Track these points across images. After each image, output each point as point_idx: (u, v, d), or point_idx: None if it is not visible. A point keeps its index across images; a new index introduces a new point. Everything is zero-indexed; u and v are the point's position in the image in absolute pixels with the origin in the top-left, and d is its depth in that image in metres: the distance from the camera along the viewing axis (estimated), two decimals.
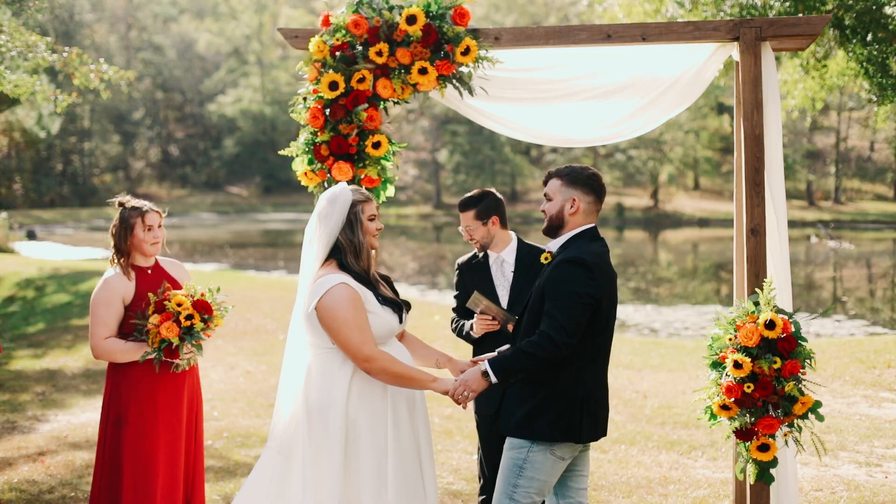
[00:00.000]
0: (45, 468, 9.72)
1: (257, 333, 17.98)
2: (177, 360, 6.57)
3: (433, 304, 23.23)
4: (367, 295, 5.63)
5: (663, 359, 16.34)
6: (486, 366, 5.53)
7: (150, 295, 6.60)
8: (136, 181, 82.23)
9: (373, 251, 5.81)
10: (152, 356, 6.53)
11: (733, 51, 6.61)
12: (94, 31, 76.88)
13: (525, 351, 5.46)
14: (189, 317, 6.50)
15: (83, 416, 12.24)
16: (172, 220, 68.04)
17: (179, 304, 6.52)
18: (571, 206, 5.73)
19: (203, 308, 6.58)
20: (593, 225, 5.80)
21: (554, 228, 5.81)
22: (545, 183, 5.90)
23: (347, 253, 5.68)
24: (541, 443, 5.59)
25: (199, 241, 48.89)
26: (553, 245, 5.82)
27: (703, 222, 67.43)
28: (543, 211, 5.86)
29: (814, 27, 6.39)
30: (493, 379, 5.48)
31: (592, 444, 10.48)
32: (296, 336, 5.86)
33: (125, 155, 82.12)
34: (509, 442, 5.72)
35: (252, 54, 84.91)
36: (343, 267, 5.67)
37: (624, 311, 26.25)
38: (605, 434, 5.81)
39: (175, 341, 6.46)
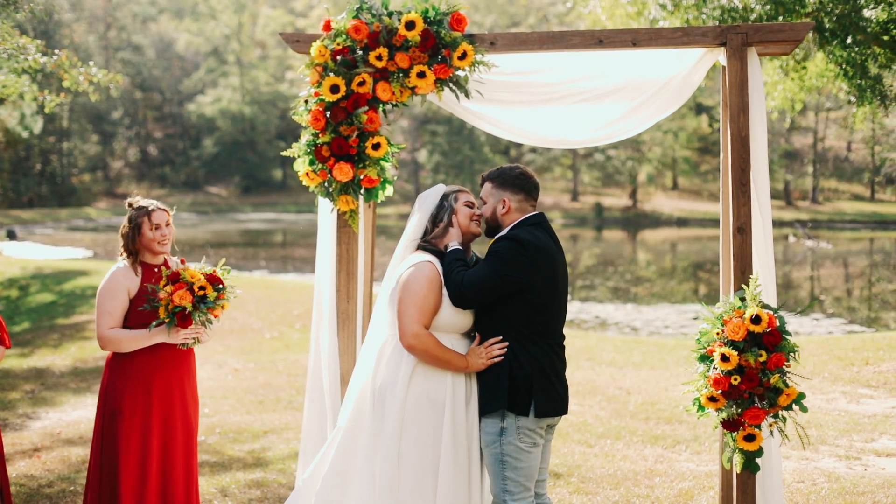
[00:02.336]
0: (41, 464, 9.85)
1: (243, 332, 18.11)
2: (185, 333, 6.69)
3: None
4: None
5: (645, 356, 16.54)
6: (454, 246, 6.02)
7: (163, 269, 6.75)
8: (115, 181, 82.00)
9: (474, 237, 6.22)
10: (163, 328, 6.65)
11: (720, 56, 6.81)
12: (73, 30, 76.66)
13: (454, 273, 5.87)
14: (202, 287, 6.66)
15: (74, 414, 12.36)
16: None
17: (193, 276, 6.67)
18: (503, 207, 6.09)
19: (215, 281, 6.75)
20: (533, 213, 6.12)
21: (492, 229, 6.18)
22: (481, 186, 6.26)
23: (435, 236, 6.07)
24: (506, 434, 5.86)
25: (178, 241, 47.88)
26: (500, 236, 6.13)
27: (681, 222, 67.77)
28: (480, 214, 6.22)
29: (798, 33, 6.60)
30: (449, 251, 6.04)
31: (578, 438, 10.73)
32: (378, 318, 6.15)
33: (104, 155, 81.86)
34: (482, 440, 5.98)
35: (231, 54, 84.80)
36: (434, 252, 6.04)
37: (605, 310, 26.45)
38: (560, 413, 6.03)
39: (188, 307, 6.59)
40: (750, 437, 6.21)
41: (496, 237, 6.06)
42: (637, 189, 74.19)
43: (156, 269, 6.91)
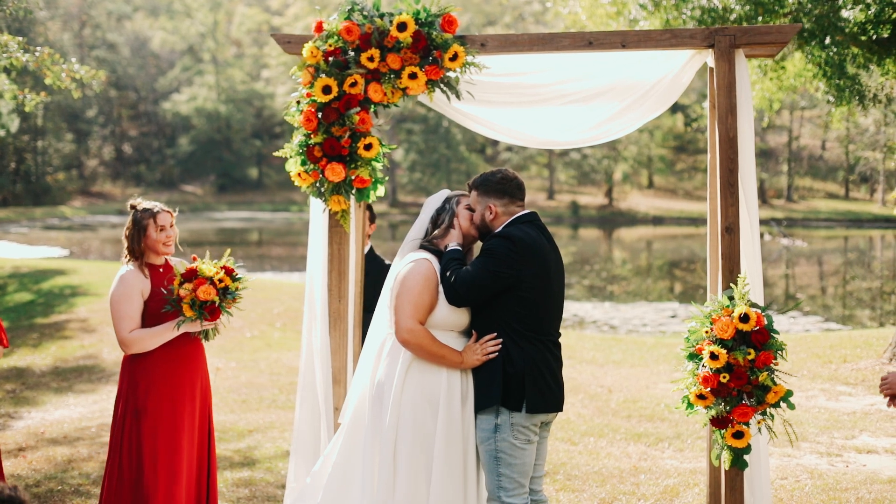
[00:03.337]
0: (27, 463, 9.85)
1: (224, 330, 18.01)
2: (212, 324, 6.76)
3: None
4: None
5: (624, 354, 16.65)
6: (453, 246, 6.19)
7: (175, 268, 6.79)
8: (90, 179, 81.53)
9: (475, 240, 6.38)
10: (190, 323, 6.72)
11: (708, 57, 6.88)
12: (48, 28, 76.13)
13: (449, 271, 6.02)
14: (221, 280, 6.73)
15: (56, 413, 12.35)
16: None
17: (209, 271, 6.74)
18: (490, 213, 6.25)
19: (230, 272, 6.84)
20: (525, 212, 6.27)
21: (484, 235, 6.31)
22: (469, 195, 6.40)
23: (436, 237, 6.25)
24: (500, 431, 5.97)
25: None
26: None
27: (657, 220, 68.00)
28: (474, 221, 6.34)
29: (785, 35, 6.69)
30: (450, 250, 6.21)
31: (562, 436, 10.80)
32: (379, 317, 6.29)
33: (78, 153, 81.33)
34: (477, 437, 6.09)
35: (207, 52, 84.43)
36: (433, 251, 6.19)
37: (583, 308, 26.55)
38: (554, 410, 6.15)
39: (217, 300, 6.67)
40: (738, 435, 6.28)
41: (489, 235, 6.17)
42: (613, 187, 74.36)
43: (160, 270, 6.94)
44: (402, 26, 6.61)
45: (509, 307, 5.97)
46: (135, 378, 6.82)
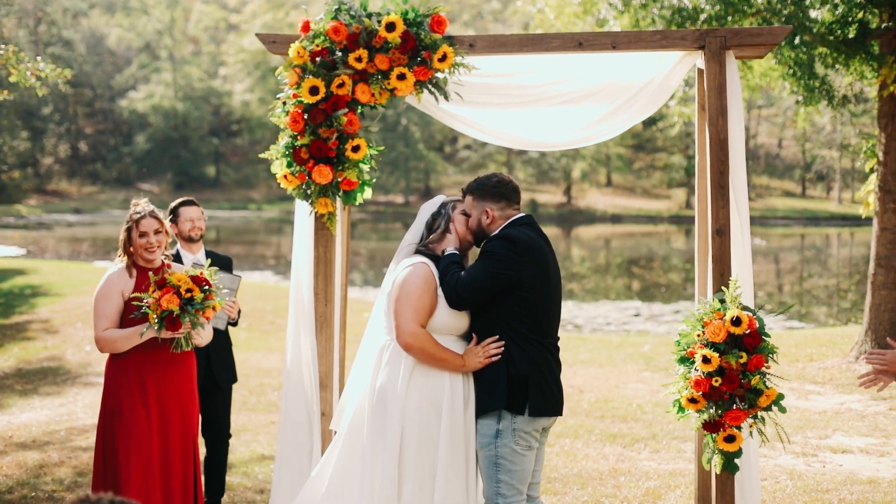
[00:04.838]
0: None
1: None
2: (177, 336, 6.61)
3: (360, 301, 23.11)
4: None
5: (591, 354, 16.66)
6: (451, 251, 6.15)
7: (151, 275, 6.66)
8: (46, 177, 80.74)
9: (471, 245, 6.33)
10: (154, 331, 6.57)
11: (698, 59, 6.87)
12: (3, 24, 75.30)
13: (449, 275, 5.97)
14: (189, 290, 6.57)
15: (23, 416, 12.16)
16: (83, 217, 67.11)
17: (179, 280, 6.59)
18: (487, 217, 6.20)
19: (201, 282, 6.64)
20: (518, 216, 6.22)
21: (480, 240, 6.27)
22: (462, 200, 6.35)
23: (432, 241, 6.22)
24: (502, 436, 5.91)
25: (111, 239, 48.01)
26: None
27: (615, 218, 68.26)
28: (470, 226, 6.30)
29: (775, 37, 6.68)
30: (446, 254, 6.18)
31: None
32: (375, 323, 6.25)
33: (34, 151, 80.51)
34: (477, 443, 6.03)
35: (164, 50, 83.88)
36: (430, 256, 6.14)
37: None
38: (555, 414, 6.10)
39: (176, 310, 6.49)
40: (730, 438, 6.26)
41: (489, 237, 6.12)
42: (571, 186, 74.57)
43: (150, 273, 6.83)
44: (390, 26, 6.55)
45: (510, 308, 5.92)
46: (110, 379, 6.79)
